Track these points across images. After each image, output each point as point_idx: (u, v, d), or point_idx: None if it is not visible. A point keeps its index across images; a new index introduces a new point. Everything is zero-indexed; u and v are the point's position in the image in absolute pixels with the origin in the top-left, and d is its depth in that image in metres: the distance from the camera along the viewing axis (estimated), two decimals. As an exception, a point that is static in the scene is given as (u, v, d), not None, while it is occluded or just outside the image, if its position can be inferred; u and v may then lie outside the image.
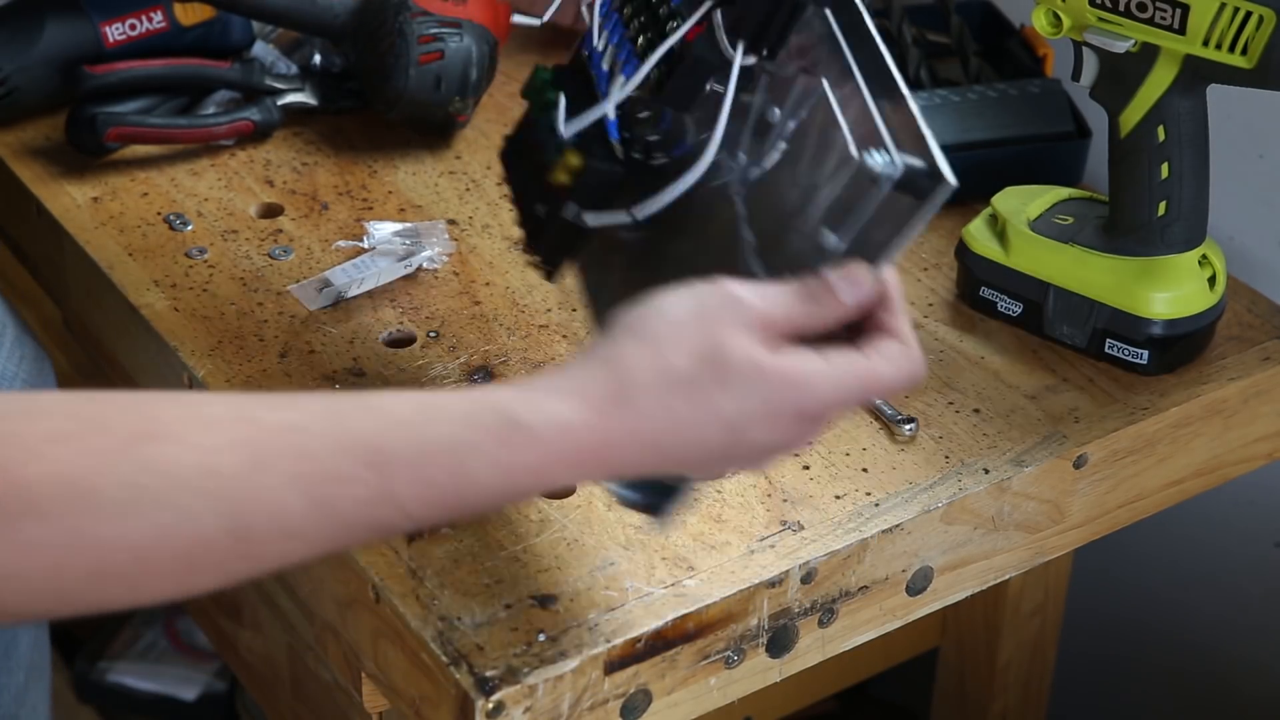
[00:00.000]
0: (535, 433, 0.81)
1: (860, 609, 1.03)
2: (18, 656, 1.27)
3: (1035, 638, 1.49)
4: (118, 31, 1.32)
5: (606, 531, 1.00)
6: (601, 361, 0.83)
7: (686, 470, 0.87)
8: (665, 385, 0.82)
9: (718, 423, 0.82)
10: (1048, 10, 1.11)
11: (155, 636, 1.78)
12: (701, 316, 0.83)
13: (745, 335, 0.83)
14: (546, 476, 0.82)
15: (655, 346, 0.83)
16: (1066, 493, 1.09)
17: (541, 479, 0.82)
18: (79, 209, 1.24)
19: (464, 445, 0.80)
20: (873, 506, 1.03)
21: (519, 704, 0.91)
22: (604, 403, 0.81)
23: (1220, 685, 1.52)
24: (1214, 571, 1.49)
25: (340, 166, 1.30)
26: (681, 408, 0.82)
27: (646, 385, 0.82)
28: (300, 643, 1.15)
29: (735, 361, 0.82)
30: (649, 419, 0.82)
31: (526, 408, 0.81)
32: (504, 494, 0.84)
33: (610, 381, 0.82)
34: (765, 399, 0.82)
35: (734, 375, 0.82)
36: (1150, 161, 1.11)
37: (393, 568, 0.97)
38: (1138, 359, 1.13)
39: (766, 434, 0.83)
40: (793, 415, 0.83)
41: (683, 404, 0.82)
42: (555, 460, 0.81)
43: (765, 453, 0.86)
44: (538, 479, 0.82)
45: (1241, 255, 1.34)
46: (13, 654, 1.26)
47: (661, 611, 0.95)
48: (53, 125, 1.31)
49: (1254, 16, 1.04)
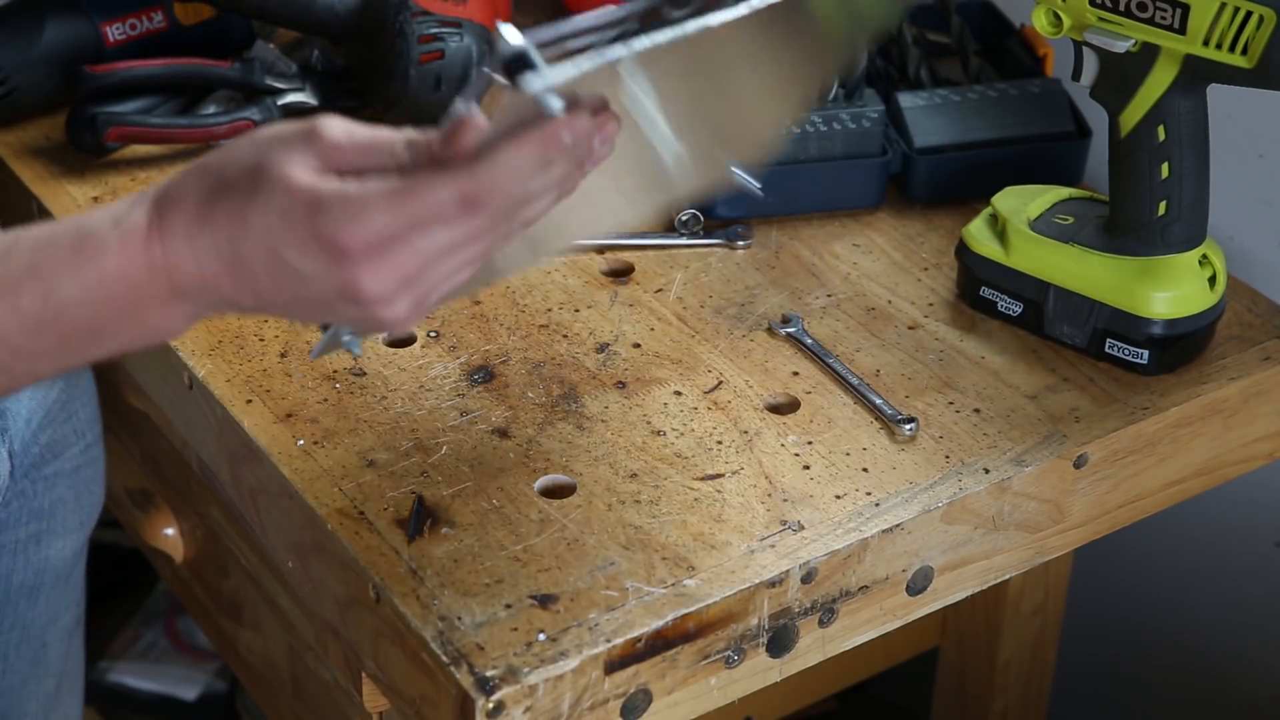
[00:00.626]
0: (102, 237, 0.83)
1: (860, 609, 1.03)
2: (47, 664, 1.26)
3: (1035, 637, 1.49)
4: (118, 31, 1.32)
5: (607, 531, 1.00)
6: (173, 176, 0.86)
7: (258, 298, 0.86)
8: (209, 190, 0.84)
9: (250, 235, 0.83)
10: (1048, 10, 1.11)
11: (155, 636, 1.78)
12: (264, 138, 0.85)
13: (294, 156, 0.83)
14: (134, 290, 0.84)
15: (216, 159, 0.85)
16: (1067, 492, 1.09)
17: (132, 293, 0.84)
18: (79, 209, 1.24)
19: (44, 264, 0.84)
20: (873, 506, 1.03)
21: (519, 704, 0.91)
22: (163, 204, 0.84)
23: (1221, 684, 1.52)
24: (1214, 571, 1.49)
25: (340, 166, 1.30)
26: (219, 215, 0.84)
27: (197, 189, 0.84)
28: (300, 642, 1.15)
29: (269, 176, 0.83)
30: (200, 222, 0.84)
31: (97, 217, 0.85)
32: (100, 312, 0.85)
33: (172, 188, 0.85)
34: (284, 211, 0.82)
35: (263, 186, 0.83)
36: (1150, 161, 1.11)
37: (393, 568, 0.97)
38: (1138, 359, 1.13)
39: (299, 258, 0.83)
40: (313, 236, 0.82)
41: (221, 210, 0.83)
42: (130, 267, 0.84)
43: (311, 284, 0.84)
44: (128, 291, 0.84)
45: (1242, 255, 1.34)
46: (42, 661, 1.25)
47: (662, 611, 0.95)
48: (53, 125, 1.31)
49: (1254, 16, 1.04)
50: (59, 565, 1.23)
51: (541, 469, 1.04)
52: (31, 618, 1.23)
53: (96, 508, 1.29)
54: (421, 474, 1.03)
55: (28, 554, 1.21)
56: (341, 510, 1.00)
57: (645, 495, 1.02)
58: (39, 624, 1.24)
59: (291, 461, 1.04)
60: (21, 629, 1.22)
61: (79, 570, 1.27)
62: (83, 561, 1.27)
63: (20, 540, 1.20)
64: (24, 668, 1.24)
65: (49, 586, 1.23)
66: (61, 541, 1.22)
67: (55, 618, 1.25)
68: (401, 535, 0.99)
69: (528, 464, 1.04)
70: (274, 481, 1.04)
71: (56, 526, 1.22)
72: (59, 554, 1.22)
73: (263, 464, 1.05)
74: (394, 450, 1.04)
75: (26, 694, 1.25)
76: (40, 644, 1.24)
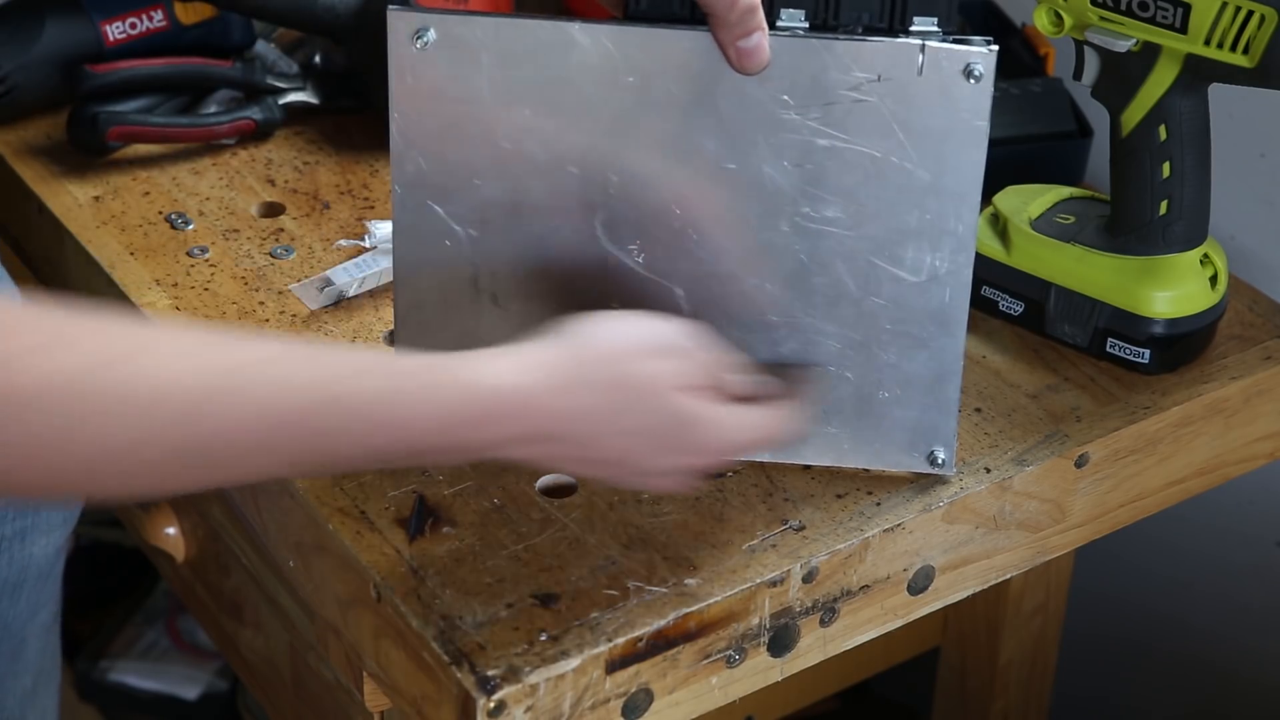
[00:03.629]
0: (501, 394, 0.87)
1: (862, 608, 1.03)
2: (25, 660, 1.26)
3: (1037, 637, 1.49)
4: (118, 30, 1.32)
5: (608, 530, 1.00)
6: (567, 344, 0.90)
7: (576, 459, 0.91)
8: (603, 385, 0.89)
9: (617, 430, 0.89)
10: (1049, 9, 1.11)
11: (157, 635, 1.78)
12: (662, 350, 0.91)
13: (687, 386, 0.90)
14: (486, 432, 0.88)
15: (617, 349, 0.90)
16: (1068, 492, 1.09)
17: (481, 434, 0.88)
18: (80, 208, 1.24)
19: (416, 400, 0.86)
20: (874, 505, 1.03)
21: (520, 703, 0.91)
22: (558, 375, 0.88)
23: (1222, 684, 1.52)
24: (1215, 570, 1.49)
25: (342, 165, 1.30)
26: (602, 406, 0.89)
27: (592, 380, 0.89)
28: (302, 642, 1.15)
29: (650, 389, 0.90)
30: (579, 402, 0.88)
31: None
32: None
33: (569, 363, 0.89)
34: (663, 423, 0.90)
35: (647, 399, 0.90)
36: (1152, 160, 1.11)
37: (394, 567, 0.97)
38: (1139, 358, 1.13)
39: (652, 457, 0.91)
40: (678, 447, 0.91)
41: (604, 403, 0.89)
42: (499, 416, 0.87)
43: (648, 474, 0.92)
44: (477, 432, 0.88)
45: (1243, 254, 1.34)
46: (20, 657, 1.26)
47: (663, 610, 0.95)
48: (54, 124, 1.31)
49: (1255, 15, 1.04)
50: (42, 562, 1.23)
51: (544, 470, 1.04)
52: (13, 615, 1.23)
53: (78, 505, 1.29)
54: (423, 473, 1.03)
55: (12, 551, 1.21)
56: (343, 509, 1.00)
57: (646, 494, 1.02)
58: (19, 620, 1.24)
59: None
60: (2, 626, 1.23)
61: (59, 567, 1.27)
62: (63, 559, 1.28)
63: (6, 537, 1.20)
64: (2, 664, 1.24)
65: (31, 583, 1.23)
66: (45, 539, 1.23)
67: (34, 614, 1.25)
68: (403, 534, 0.99)
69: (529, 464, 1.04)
70: (275, 481, 1.04)
71: (41, 523, 1.22)
72: (42, 551, 1.23)
73: (264, 463, 1.05)
74: (395, 450, 1.04)
75: (5, 690, 1.26)
76: (19, 640, 1.25)
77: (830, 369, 1.00)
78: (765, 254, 0.98)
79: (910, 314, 0.99)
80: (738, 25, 0.92)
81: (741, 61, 0.93)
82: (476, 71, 0.94)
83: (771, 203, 0.97)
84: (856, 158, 0.96)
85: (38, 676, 1.29)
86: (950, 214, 0.97)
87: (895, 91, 0.94)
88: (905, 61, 0.94)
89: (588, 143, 0.95)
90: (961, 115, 0.95)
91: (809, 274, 0.98)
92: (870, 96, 0.94)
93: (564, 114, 0.95)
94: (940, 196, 0.96)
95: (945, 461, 1.03)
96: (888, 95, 0.94)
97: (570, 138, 0.95)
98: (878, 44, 0.94)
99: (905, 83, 0.94)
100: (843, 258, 0.98)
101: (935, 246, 0.97)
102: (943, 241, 0.97)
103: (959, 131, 0.95)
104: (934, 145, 0.95)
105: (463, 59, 0.94)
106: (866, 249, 0.98)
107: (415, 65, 0.93)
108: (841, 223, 0.97)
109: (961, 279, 0.98)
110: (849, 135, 0.95)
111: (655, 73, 0.94)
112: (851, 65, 0.94)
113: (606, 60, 0.94)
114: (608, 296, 0.99)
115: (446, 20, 0.93)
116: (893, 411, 1.02)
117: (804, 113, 0.95)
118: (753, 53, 0.93)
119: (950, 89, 0.94)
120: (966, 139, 0.95)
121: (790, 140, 0.95)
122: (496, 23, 0.94)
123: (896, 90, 0.94)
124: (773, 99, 0.94)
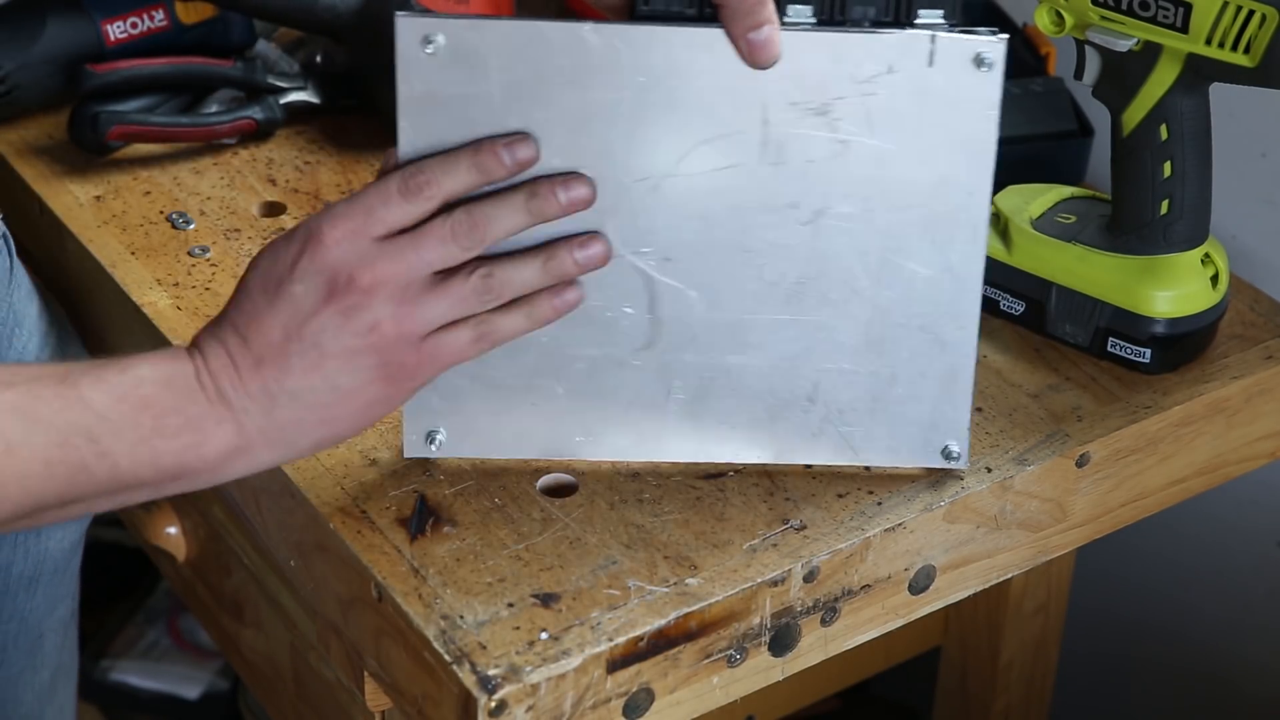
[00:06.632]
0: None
1: (862, 608, 1.03)
2: (43, 655, 1.27)
3: (1037, 636, 1.49)
4: (119, 30, 1.32)
5: (609, 530, 1.00)
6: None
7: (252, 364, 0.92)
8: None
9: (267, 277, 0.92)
10: (1050, 9, 1.11)
11: (158, 635, 1.78)
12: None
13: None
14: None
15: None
16: (1069, 491, 1.09)
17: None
18: (81, 208, 1.24)
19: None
20: (875, 505, 1.03)
21: (521, 703, 0.91)
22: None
23: (1222, 684, 1.52)
24: (1216, 570, 1.49)
25: (343, 165, 1.30)
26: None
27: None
28: (303, 641, 1.15)
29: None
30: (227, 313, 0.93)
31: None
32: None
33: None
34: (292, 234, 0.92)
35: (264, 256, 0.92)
36: (1153, 160, 1.11)
37: (395, 566, 0.97)
38: (1140, 357, 1.13)
39: (288, 269, 0.91)
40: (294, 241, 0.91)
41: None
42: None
43: (298, 290, 0.91)
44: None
45: (1244, 254, 1.34)
46: (38, 652, 1.26)
47: (664, 610, 0.95)
48: (55, 124, 1.31)
49: (1256, 15, 1.04)
50: (58, 557, 1.23)
51: (543, 468, 1.04)
52: (30, 609, 1.23)
53: None
54: (424, 472, 1.03)
55: (28, 545, 1.21)
56: (344, 509, 1.00)
57: (647, 494, 1.02)
58: (36, 615, 1.24)
59: (293, 460, 1.03)
60: (20, 620, 1.23)
61: (75, 562, 1.28)
62: (79, 554, 1.28)
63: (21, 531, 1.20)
64: (21, 659, 1.25)
65: (47, 578, 1.23)
66: (60, 533, 1.23)
67: (52, 609, 1.25)
68: (404, 534, 0.99)
69: (529, 463, 1.04)
70: (276, 480, 1.04)
71: None
72: (58, 545, 1.23)
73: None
74: (396, 449, 1.04)
75: (23, 685, 1.26)
76: (37, 635, 1.25)
77: (845, 367, 1.00)
78: (778, 250, 0.98)
79: (923, 308, 0.99)
80: (748, 17, 0.92)
81: (752, 54, 0.93)
82: (486, 76, 0.93)
83: (784, 199, 0.97)
84: (868, 151, 0.95)
85: (56, 673, 1.29)
86: (962, 205, 0.97)
87: (906, 84, 0.94)
88: (915, 53, 0.94)
89: (599, 145, 0.95)
90: (973, 105, 0.95)
91: (822, 270, 0.98)
92: (881, 89, 0.94)
93: (575, 116, 0.94)
94: (952, 188, 0.96)
95: (959, 455, 1.03)
96: (898, 88, 0.94)
97: (581, 140, 0.95)
98: (887, 36, 0.94)
99: (916, 74, 0.94)
100: (855, 252, 0.98)
101: (948, 239, 0.97)
102: (955, 234, 0.97)
103: (970, 122, 0.95)
104: (945, 137, 0.95)
105: (472, 64, 0.93)
106: (879, 243, 0.98)
107: (424, 71, 0.93)
108: (854, 217, 0.97)
109: (974, 270, 0.98)
110: (860, 129, 0.95)
111: (666, 72, 0.94)
112: (862, 58, 0.94)
113: (617, 61, 0.94)
114: (619, 300, 0.98)
115: (456, 25, 0.93)
116: (906, 407, 1.02)
117: (814, 107, 0.94)
118: (764, 45, 0.93)
119: (961, 79, 0.94)
120: (978, 129, 0.95)
121: (801, 135, 0.95)
122: (506, 26, 0.93)
123: (907, 82, 0.94)
124: (783, 94, 0.94)
